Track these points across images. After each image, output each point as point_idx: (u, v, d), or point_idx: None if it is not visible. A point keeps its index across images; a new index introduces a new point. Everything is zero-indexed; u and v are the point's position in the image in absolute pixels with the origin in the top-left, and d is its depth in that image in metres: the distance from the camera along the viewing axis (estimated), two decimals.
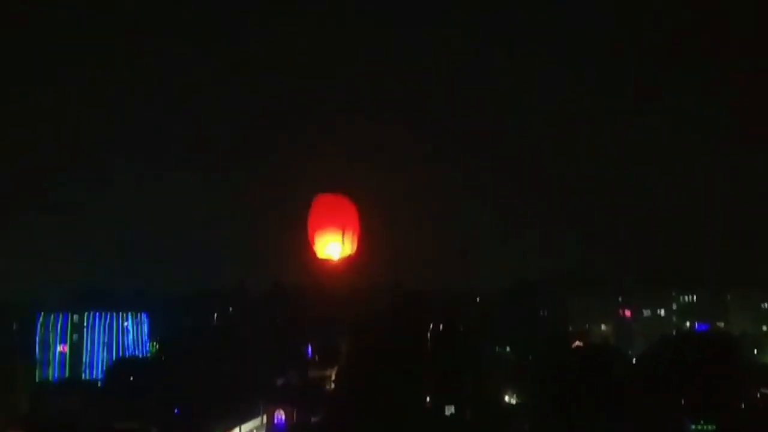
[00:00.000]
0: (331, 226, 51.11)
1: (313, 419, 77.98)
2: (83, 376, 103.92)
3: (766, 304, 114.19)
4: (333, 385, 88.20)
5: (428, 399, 78.43)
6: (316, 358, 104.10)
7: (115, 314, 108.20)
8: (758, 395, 77.30)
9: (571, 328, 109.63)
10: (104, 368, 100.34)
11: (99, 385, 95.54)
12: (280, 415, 79.82)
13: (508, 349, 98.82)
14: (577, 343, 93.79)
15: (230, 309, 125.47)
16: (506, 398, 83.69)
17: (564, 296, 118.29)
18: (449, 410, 76.62)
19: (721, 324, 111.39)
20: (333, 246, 50.79)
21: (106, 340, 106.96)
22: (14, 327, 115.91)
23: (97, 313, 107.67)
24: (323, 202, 49.30)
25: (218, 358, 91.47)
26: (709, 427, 69.02)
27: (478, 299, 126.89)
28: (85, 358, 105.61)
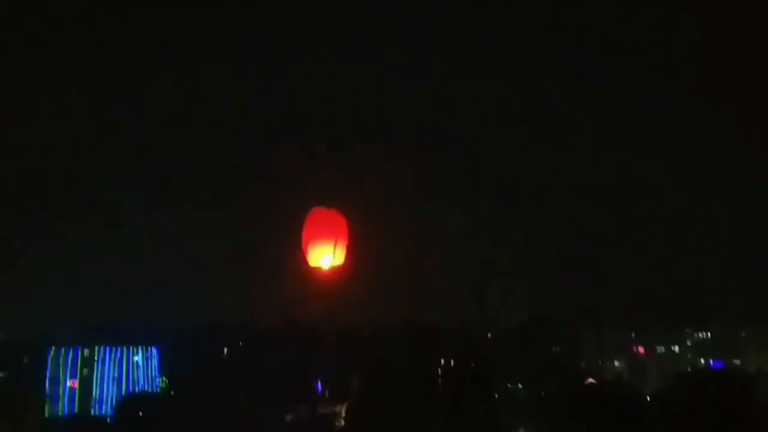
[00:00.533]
0: (323, 237, 53.46)
1: None
2: (93, 411, 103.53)
3: None
4: (343, 422, 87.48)
5: None
6: (326, 393, 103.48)
7: (125, 348, 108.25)
8: None
9: (584, 365, 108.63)
10: (114, 403, 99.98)
11: (108, 420, 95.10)
12: None
13: (520, 385, 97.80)
14: (590, 379, 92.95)
15: (240, 343, 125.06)
16: None
17: (577, 332, 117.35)
18: None
19: (737, 361, 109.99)
20: (324, 256, 53.00)
21: (116, 374, 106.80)
22: (25, 361, 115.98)
23: (108, 348, 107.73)
24: (317, 215, 52.13)
25: (228, 393, 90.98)
26: None
27: (489, 335, 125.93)
28: (95, 393, 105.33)
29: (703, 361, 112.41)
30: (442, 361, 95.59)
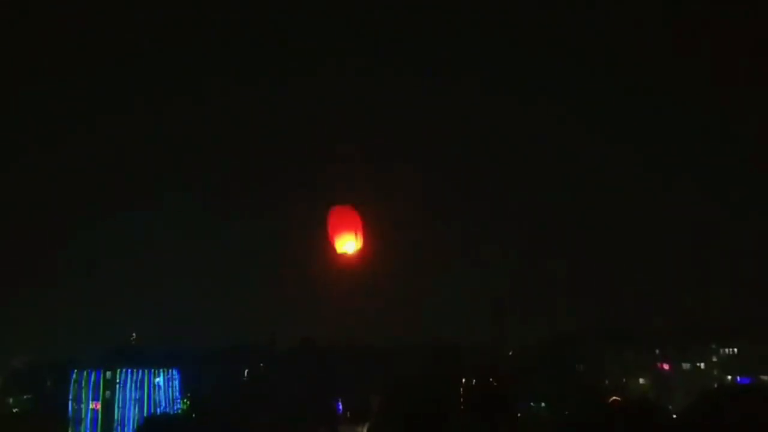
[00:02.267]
0: (346, 228, 65.99)
1: None
2: None
3: None
4: None
5: None
6: (347, 414, 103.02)
7: (146, 371, 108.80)
8: None
9: (607, 382, 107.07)
10: (135, 425, 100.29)
11: None
12: None
13: (543, 404, 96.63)
14: (614, 397, 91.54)
15: (261, 364, 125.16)
16: None
17: (600, 350, 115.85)
18: None
19: (765, 377, 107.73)
20: (348, 243, 65.16)
21: (137, 396, 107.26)
22: (48, 384, 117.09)
23: (129, 370, 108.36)
24: (338, 211, 65.65)
25: (249, 413, 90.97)
26: None
27: (511, 353, 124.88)
28: (117, 415, 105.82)
29: (730, 377, 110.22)
30: (463, 381, 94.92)
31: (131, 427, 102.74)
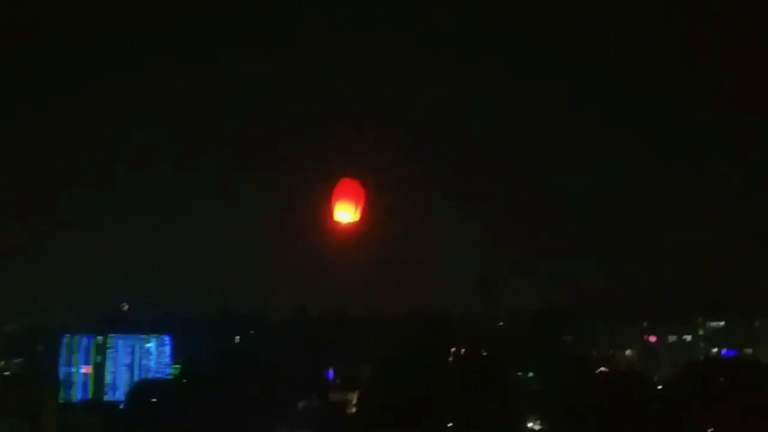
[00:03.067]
0: (347, 199, 68.87)
1: None
2: (106, 397, 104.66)
3: None
4: (354, 409, 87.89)
5: (451, 424, 77.71)
6: (338, 381, 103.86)
7: (138, 336, 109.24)
8: None
9: (596, 353, 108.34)
10: (126, 390, 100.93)
11: (121, 407, 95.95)
12: None
13: (531, 374, 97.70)
14: (602, 368, 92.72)
15: (252, 332, 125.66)
16: (530, 424, 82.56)
17: (589, 321, 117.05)
18: None
19: (749, 351, 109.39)
20: (345, 213, 67.94)
21: (128, 362, 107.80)
22: (40, 349, 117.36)
23: (121, 336, 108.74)
24: (345, 183, 68.71)
25: (240, 381, 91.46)
26: None
27: (501, 323, 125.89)
28: (108, 379, 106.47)
29: (715, 350, 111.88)
30: (453, 350, 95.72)
31: (122, 391, 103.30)
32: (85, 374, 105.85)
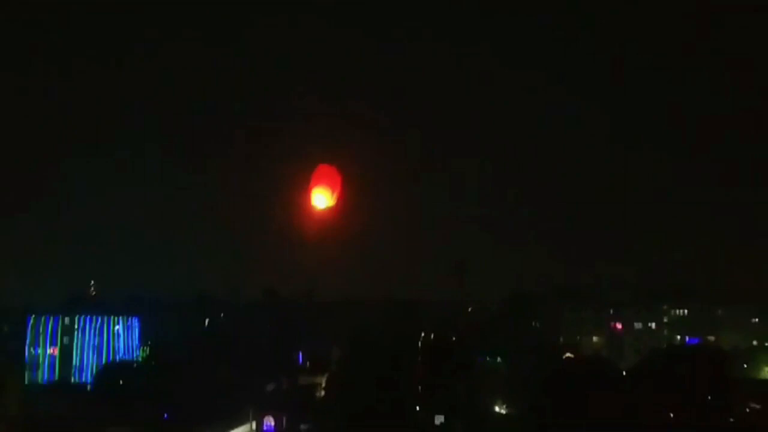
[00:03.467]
0: (324, 184, 71.51)
1: (302, 426, 77.87)
2: (72, 379, 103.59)
3: (755, 320, 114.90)
4: (323, 392, 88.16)
5: (418, 408, 78.40)
6: (307, 365, 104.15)
7: (106, 318, 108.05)
8: (747, 410, 77.43)
9: (562, 340, 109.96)
10: (94, 372, 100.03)
11: (88, 388, 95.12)
12: (270, 422, 79.65)
13: (499, 359, 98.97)
14: (568, 354, 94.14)
15: (222, 315, 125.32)
16: (497, 408, 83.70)
17: (557, 308, 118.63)
18: (439, 420, 76.59)
19: (712, 338, 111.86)
20: (322, 198, 70.70)
21: (96, 343, 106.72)
22: (5, 329, 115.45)
23: (88, 317, 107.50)
24: (322, 169, 71.51)
25: (209, 364, 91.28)
26: None
27: (470, 309, 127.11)
28: (75, 361, 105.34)
29: (679, 337, 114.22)
30: (422, 335, 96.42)
31: (89, 373, 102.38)
32: (52, 355, 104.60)
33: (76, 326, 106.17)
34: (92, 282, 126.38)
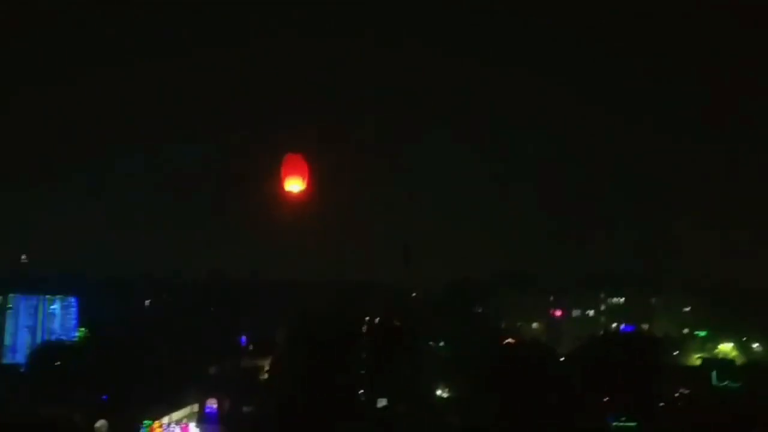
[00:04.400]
0: (294, 172, 77.30)
1: (245, 408, 77.62)
2: (5, 360, 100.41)
3: (686, 308, 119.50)
4: (266, 375, 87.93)
5: (361, 391, 79.09)
6: (251, 347, 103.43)
7: (41, 298, 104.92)
8: (676, 394, 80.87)
9: (503, 325, 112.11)
10: (28, 353, 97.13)
11: (22, 370, 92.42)
12: (212, 404, 79.13)
13: (443, 343, 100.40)
14: (509, 339, 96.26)
15: (164, 295, 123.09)
16: (439, 392, 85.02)
17: (498, 294, 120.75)
18: (381, 402, 77.46)
19: (646, 326, 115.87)
20: (295, 183, 76.58)
21: (30, 323, 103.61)
22: None
23: (22, 296, 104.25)
24: (291, 157, 77.54)
25: (150, 345, 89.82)
26: (630, 424, 72.04)
27: (414, 294, 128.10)
28: (8, 341, 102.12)
29: (615, 324, 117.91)
30: (367, 319, 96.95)
31: (23, 354, 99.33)
32: None
33: (9, 305, 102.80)
34: (23, 256, 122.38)
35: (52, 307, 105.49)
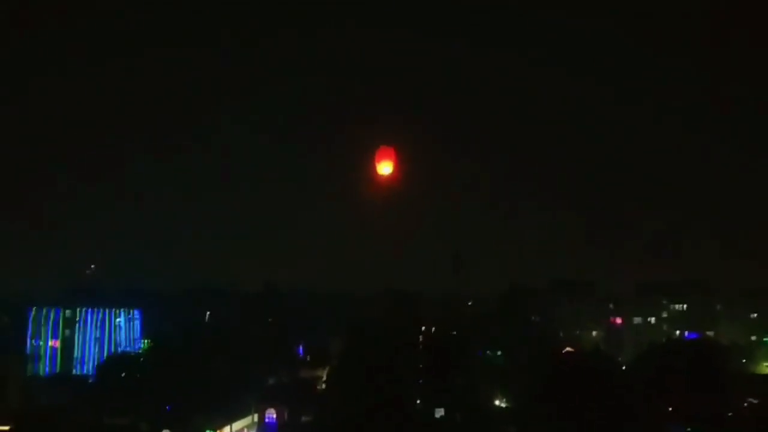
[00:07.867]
0: (386, 158, 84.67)
1: (303, 419, 78.24)
2: (74, 371, 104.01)
3: (754, 315, 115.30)
4: (324, 385, 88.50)
5: (418, 401, 78.75)
6: (308, 357, 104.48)
7: (107, 310, 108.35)
8: (745, 404, 77.90)
9: (562, 334, 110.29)
10: (95, 364, 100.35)
11: (90, 381, 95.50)
12: (271, 414, 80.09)
13: (499, 353, 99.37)
14: (568, 348, 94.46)
15: (222, 307, 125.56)
16: (496, 402, 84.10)
17: (556, 303, 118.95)
18: (439, 413, 76.95)
19: (711, 333, 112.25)
20: (387, 167, 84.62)
21: (98, 336, 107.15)
22: (6, 321, 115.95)
23: (90, 309, 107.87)
24: (383, 148, 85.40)
25: (210, 357, 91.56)
26: None
27: (470, 303, 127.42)
28: (77, 353, 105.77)
29: (678, 332, 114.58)
30: (423, 328, 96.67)
31: (91, 365, 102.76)
32: (53, 348, 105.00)
33: (77, 318, 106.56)
34: (92, 266, 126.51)
35: (117, 319, 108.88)
